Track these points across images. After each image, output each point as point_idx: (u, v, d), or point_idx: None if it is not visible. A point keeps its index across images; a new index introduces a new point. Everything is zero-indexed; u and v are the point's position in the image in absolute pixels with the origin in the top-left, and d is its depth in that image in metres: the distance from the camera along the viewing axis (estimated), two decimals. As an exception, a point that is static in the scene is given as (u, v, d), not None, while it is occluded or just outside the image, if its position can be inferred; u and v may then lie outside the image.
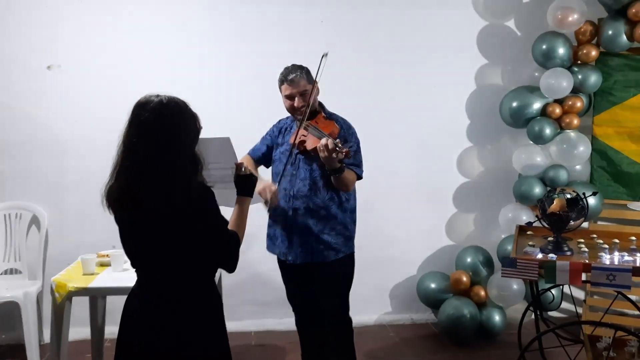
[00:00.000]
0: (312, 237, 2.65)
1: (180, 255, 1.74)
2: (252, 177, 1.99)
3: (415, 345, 3.81)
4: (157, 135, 1.68)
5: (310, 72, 2.68)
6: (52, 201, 3.72)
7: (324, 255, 2.66)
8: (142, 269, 1.83)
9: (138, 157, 1.68)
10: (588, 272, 2.40)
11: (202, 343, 1.78)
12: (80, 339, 3.55)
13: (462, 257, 4.02)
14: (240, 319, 3.93)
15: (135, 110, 1.72)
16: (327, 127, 2.57)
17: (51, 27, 3.62)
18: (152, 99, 1.72)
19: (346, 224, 2.71)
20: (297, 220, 2.66)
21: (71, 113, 3.68)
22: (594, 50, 3.79)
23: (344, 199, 2.70)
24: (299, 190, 2.65)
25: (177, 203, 1.67)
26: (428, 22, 4.00)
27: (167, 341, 1.75)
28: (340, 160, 2.41)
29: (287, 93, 2.64)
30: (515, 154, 3.93)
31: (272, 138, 2.84)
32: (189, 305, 1.77)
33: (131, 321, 1.82)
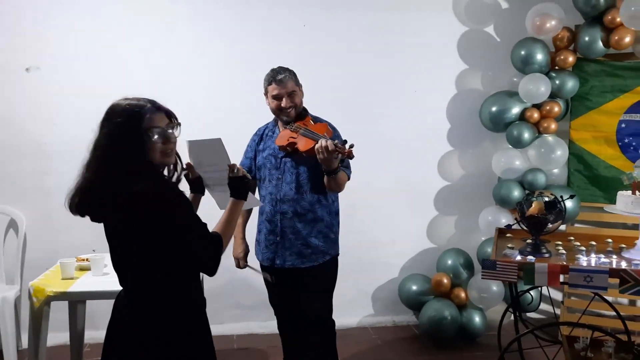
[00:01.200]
0: (300, 240, 2.66)
1: (146, 258, 1.72)
2: (245, 178, 1.93)
3: (396, 347, 3.83)
4: (99, 141, 1.69)
5: (297, 75, 2.70)
6: (31, 205, 3.67)
7: (312, 259, 2.67)
8: (117, 271, 1.82)
9: (90, 164, 1.70)
10: (566, 273, 2.44)
11: (182, 347, 1.76)
12: (59, 344, 3.51)
13: (443, 259, 4.06)
14: (222, 322, 3.91)
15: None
16: (320, 129, 2.56)
17: (30, 30, 3.58)
18: (113, 103, 1.74)
19: (332, 226, 2.74)
20: (284, 224, 2.66)
21: (49, 116, 3.64)
22: (571, 56, 3.86)
23: (330, 201, 2.72)
24: (285, 194, 2.65)
25: (127, 206, 1.65)
26: (409, 26, 4.04)
27: (145, 346, 1.73)
28: (342, 161, 2.45)
29: (274, 93, 2.64)
30: (495, 158, 3.98)
31: (253, 150, 2.83)
32: (167, 308, 1.75)
33: (112, 325, 1.82)
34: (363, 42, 3.98)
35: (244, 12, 3.83)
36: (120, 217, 1.70)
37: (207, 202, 2.10)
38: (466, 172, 4.25)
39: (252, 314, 3.95)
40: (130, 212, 1.65)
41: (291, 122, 2.65)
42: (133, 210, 1.65)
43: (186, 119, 1.84)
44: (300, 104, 2.69)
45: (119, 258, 1.80)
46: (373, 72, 4.03)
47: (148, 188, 1.66)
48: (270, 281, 2.80)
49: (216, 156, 1.93)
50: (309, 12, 3.91)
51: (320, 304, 2.74)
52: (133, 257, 1.74)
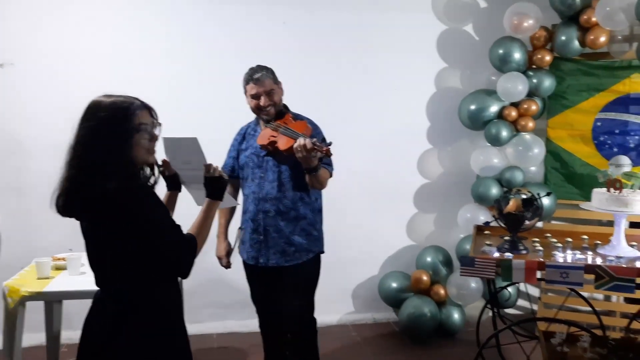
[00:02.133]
0: (283, 239, 2.66)
1: (114, 260, 1.70)
2: (222, 179, 1.91)
3: (376, 344, 3.85)
4: (80, 139, 1.66)
5: (275, 73, 2.69)
6: (4, 203, 3.59)
7: (296, 257, 2.67)
8: (93, 271, 1.80)
9: (70, 163, 1.67)
10: (542, 270, 2.47)
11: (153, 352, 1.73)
12: (35, 345, 3.45)
13: (422, 256, 4.09)
14: (201, 321, 3.89)
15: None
16: (300, 127, 2.56)
17: (3, 26, 3.51)
18: (92, 101, 1.70)
19: (315, 224, 2.74)
20: (267, 222, 2.66)
21: (24, 112, 3.57)
22: (548, 55, 3.91)
23: (313, 199, 2.72)
24: (267, 192, 2.64)
25: (104, 209, 1.63)
26: (389, 25, 4.05)
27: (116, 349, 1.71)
28: (320, 159, 2.44)
29: (252, 92, 2.63)
30: (473, 156, 4.02)
31: (235, 149, 2.82)
32: (138, 311, 1.72)
33: (87, 325, 1.80)
34: (343, 40, 3.98)
35: (223, 10, 3.80)
36: (94, 215, 1.67)
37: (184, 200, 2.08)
38: (445, 170, 4.29)
39: (231, 312, 3.93)
40: (104, 210, 1.63)
41: (271, 120, 2.64)
42: (107, 208, 1.63)
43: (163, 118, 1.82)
44: (279, 102, 2.68)
45: (95, 258, 1.77)
46: (352, 70, 4.04)
47: (122, 187, 1.63)
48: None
49: (192, 155, 1.92)
50: (289, 11, 3.90)
51: (302, 302, 2.74)
52: (107, 257, 1.72)
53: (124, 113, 1.67)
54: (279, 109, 2.68)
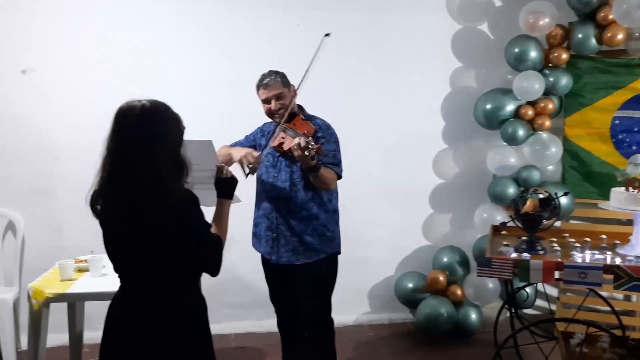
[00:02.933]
0: (295, 238, 2.69)
1: (163, 260, 1.74)
2: (234, 179, 2.01)
3: (393, 345, 3.85)
4: (138, 142, 1.68)
5: (286, 76, 2.74)
6: (28, 206, 3.66)
7: (307, 256, 2.70)
8: (125, 274, 1.82)
9: (120, 165, 1.68)
10: (560, 270, 2.46)
11: (184, 350, 1.77)
12: (58, 345, 3.51)
13: (438, 257, 4.08)
14: (219, 321, 3.90)
15: (117, 116, 1.72)
16: (303, 127, 2.62)
17: (25, 31, 3.58)
18: (135, 105, 1.72)
19: (328, 225, 2.75)
20: (279, 221, 2.70)
21: (46, 118, 3.63)
22: (564, 54, 3.88)
23: (326, 200, 2.73)
24: (279, 192, 2.68)
25: (160, 208, 1.67)
26: (403, 25, 4.05)
27: (148, 348, 1.75)
28: (313, 158, 2.43)
29: (263, 97, 2.70)
30: (490, 155, 4.00)
31: (255, 138, 2.88)
32: (171, 311, 1.77)
33: (113, 327, 1.82)
34: (357, 41, 3.99)
35: (237, 13, 3.83)
36: (155, 217, 1.69)
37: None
38: (461, 169, 4.27)
39: (249, 312, 3.96)
40: (173, 210, 1.68)
41: (284, 122, 2.68)
42: (177, 209, 1.69)
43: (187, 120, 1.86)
44: (290, 105, 2.70)
45: (132, 259, 1.78)
46: (367, 71, 4.05)
47: (180, 188, 1.72)
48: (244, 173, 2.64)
49: (203, 157, 2.00)
50: (303, 12, 3.91)
51: (316, 302, 2.76)
52: (150, 258, 1.74)
53: (177, 117, 1.77)
54: (292, 111, 2.71)
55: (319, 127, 2.71)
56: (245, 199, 2.61)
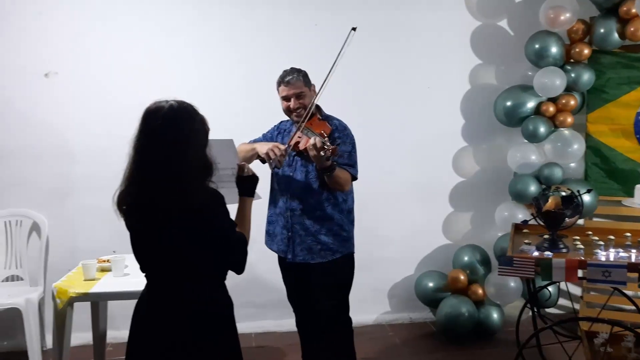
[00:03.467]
0: (309, 237, 2.69)
1: (192, 259, 1.76)
2: (254, 177, 2.03)
3: (414, 345, 3.83)
4: (168, 141, 1.68)
5: (308, 75, 2.73)
6: (52, 207, 3.73)
7: (321, 255, 2.70)
8: (153, 273, 1.83)
9: (150, 164, 1.69)
10: (584, 268, 2.43)
11: (213, 348, 1.79)
12: (82, 344, 3.58)
13: (459, 256, 4.05)
14: (239, 320, 3.85)
15: (145, 117, 1.72)
16: (319, 128, 2.61)
17: (47, 35, 3.64)
18: (162, 105, 1.73)
19: (343, 225, 2.74)
20: (294, 220, 2.70)
21: (68, 119, 3.70)
22: (586, 49, 3.83)
23: (341, 200, 2.72)
24: (295, 191, 2.69)
25: (188, 208, 1.68)
26: (421, 23, 4.04)
27: (177, 346, 1.76)
28: (328, 158, 2.42)
29: (283, 94, 2.69)
30: (510, 153, 3.96)
31: (272, 137, 2.88)
32: (200, 310, 1.78)
33: (141, 327, 1.83)
34: (375, 40, 3.98)
35: (255, 13, 3.85)
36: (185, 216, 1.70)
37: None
38: (481, 167, 4.24)
39: (269, 312, 3.98)
40: (202, 209, 1.70)
41: (303, 122, 2.67)
42: (205, 208, 1.71)
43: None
44: (309, 105, 2.68)
45: (157, 260, 1.80)
46: (385, 69, 4.04)
47: (207, 188, 1.74)
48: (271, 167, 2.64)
49: (224, 156, 2.01)
50: (320, 12, 3.92)
51: (334, 301, 2.76)
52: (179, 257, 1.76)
53: (202, 117, 1.80)
54: (311, 111, 2.69)
55: (335, 128, 2.70)
56: (265, 197, 2.63)
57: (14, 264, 3.68)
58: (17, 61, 3.63)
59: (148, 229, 1.76)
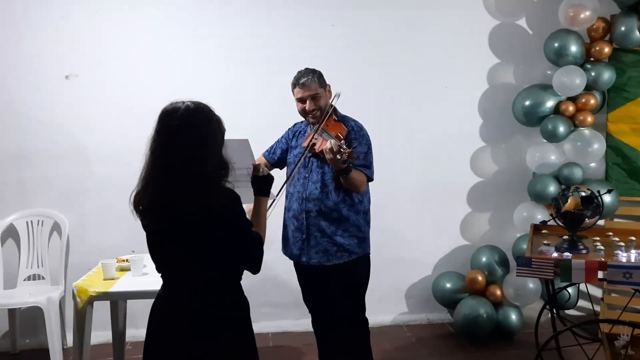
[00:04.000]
0: (325, 238, 2.67)
1: (208, 259, 1.76)
2: (270, 177, 2.04)
3: (431, 345, 3.82)
4: (185, 142, 1.69)
5: (323, 76, 2.72)
6: (72, 208, 3.79)
7: (337, 256, 2.68)
8: (169, 273, 1.84)
9: (167, 165, 1.69)
10: (604, 270, 2.39)
11: (229, 347, 1.80)
12: (102, 343, 3.63)
13: (477, 256, 4.03)
14: (256, 320, 3.89)
15: (162, 118, 1.73)
16: (335, 129, 2.60)
17: (69, 39, 3.70)
18: (179, 106, 1.73)
19: (359, 226, 2.72)
20: (310, 222, 2.69)
21: (89, 121, 3.75)
22: (606, 47, 3.77)
23: (357, 201, 2.71)
24: (311, 192, 2.68)
25: (206, 209, 1.69)
26: (439, 22, 4.02)
27: (193, 346, 1.77)
28: (345, 162, 2.42)
29: (298, 96, 2.68)
30: (529, 153, 3.92)
31: (287, 141, 2.89)
32: (216, 309, 1.79)
33: (158, 326, 1.84)
34: (392, 40, 3.98)
35: (272, 14, 3.87)
36: (201, 216, 1.71)
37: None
38: (499, 167, 4.21)
39: (286, 312, 3.99)
40: (218, 209, 1.71)
41: (317, 123, 2.67)
42: (222, 208, 1.71)
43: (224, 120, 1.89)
44: (325, 106, 2.68)
45: (173, 261, 1.81)
46: (403, 69, 4.02)
47: (221, 187, 1.74)
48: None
49: (240, 155, 2.02)
50: (337, 12, 3.92)
51: (350, 303, 2.75)
52: (195, 257, 1.76)
53: (218, 117, 1.80)
54: (326, 112, 2.68)
55: (351, 129, 2.69)
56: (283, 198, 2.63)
57: (36, 263, 3.74)
58: (39, 64, 3.69)
59: (165, 230, 1.77)
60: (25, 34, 3.67)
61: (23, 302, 3.50)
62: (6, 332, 3.76)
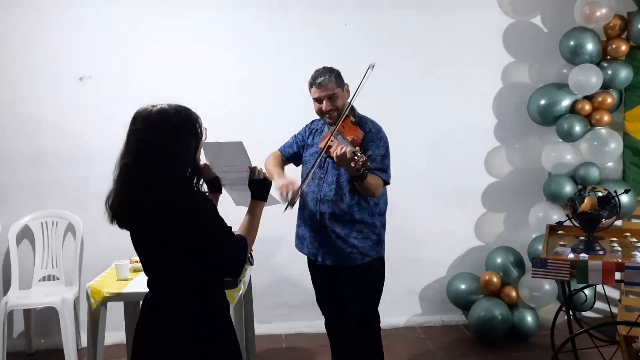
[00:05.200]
0: (339, 240, 2.65)
1: (176, 262, 1.75)
2: (266, 181, 1.99)
3: (446, 347, 3.78)
4: (147, 145, 1.68)
5: (340, 75, 2.67)
6: (86, 209, 3.81)
7: (351, 258, 2.65)
8: (148, 273, 1.87)
9: (130, 168, 1.69)
10: (621, 271, 2.36)
11: (197, 349, 1.77)
12: (116, 343, 3.64)
13: (492, 257, 3.98)
14: (270, 322, 3.97)
15: (131, 121, 1.75)
16: (351, 133, 2.54)
17: (82, 41, 3.73)
18: (147, 109, 1.73)
19: (374, 228, 2.69)
20: (324, 223, 2.66)
21: (103, 122, 3.76)
22: (623, 45, 3.72)
23: (372, 204, 2.67)
24: (325, 194, 2.65)
25: (167, 212, 1.67)
26: (453, 21, 3.99)
27: (166, 347, 1.78)
28: (359, 169, 2.35)
29: (315, 96, 2.64)
30: (545, 153, 3.88)
31: (303, 138, 2.85)
32: (184, 312, 1.78)
33: (139, 326, 1.88)
34: (406, 39, 3.95)
35: (285, 15, 3.86)
36: (157, 220, 1.70)
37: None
38: (514, 167, 4.16)
39: (299, 313, 3.98)
40: (170, 214, 1.68)
41: (332, 124, 2.64)
42: (174, 212, 1.68)
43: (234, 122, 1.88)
44: (342, 107, 2.64)
45: (151, 262, 1.84)
46: (416, 68, 4.00)
47: (187, 191, 1.71)
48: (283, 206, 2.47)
49: (235, 158, 2.00)
50: (350, 12, 3.91)
51: (362, 304, 2.72)
52: (165, 260, 1.77)
53: (193, 121, 1.75)
54: (345, 112, 2.62)
55: (369, 131, 2.63)
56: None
57: (50, 264, 3.77)
58: (53, 67, 3.72)
59: (135, 232, 1.80)
60: (38, 37, 3.70)
61: (38, 303, 3.54)
62: (22, 332, 3.80)
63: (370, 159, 2.44)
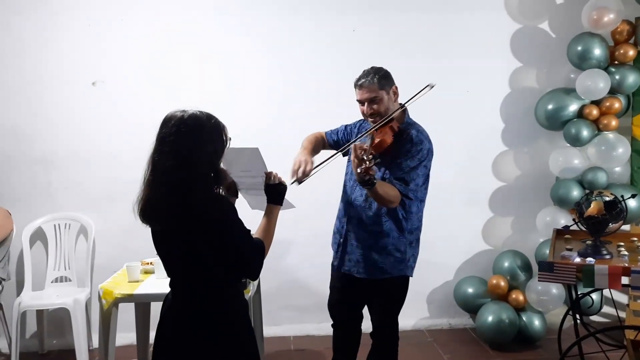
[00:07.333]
0: (359, 250, 2.55)
1: (198, 264, 1.81)
2: (281, 185, 2.05)
3: (453, 351, 3.79)
4: (175, 150, 1.74)
5: (386, 76, 2.56)
6: (99, 211, 3.87)
7: (369, 272, 2.54)
8: (170, 273, 1.93)
9: (158, 171, 1.76)
10: (628, 275, 2.37)
11: (219, 350, 1.84)
12: (127, 344, 3.69)
13: (499, 261, 4.00)
14: (279, 324, 4.00)
15: (160, 126, 1.81)
16: (381, 136, 2.42)
17: (96, 46, 3.79)
18: (176, 115, 1.80)
19: (398, 245, 2.52)
20: (349, 228, 2.59)
21: (115, 126, 3.83)
22: (631, 50, 3.72)
23: (401, 217, 2.50)
24: (355, 198, 2.56)
25: (192, 215, 1.74)
26: (461, 26, 4.01)
27: (189, 348, 1.83)
28: (363, 175, 2.18)
29: (357, 98, 2.54)
30: (552, 157, 3.89)
31: (351, 131, 2.76)
32: (207, 313, 1.84)
33: (161, 327, 1.94)
34: (414, 44, 3.97)
35: (294, 19, 3.89)
36: (184, 222, 1.77)
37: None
38: (522, 172, 4.17)
39: (308, 315, 4.00)
40: (206, 216, 1.75)
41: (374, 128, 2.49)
42: (209, 215, 1.75)
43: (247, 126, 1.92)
44: (386, 110, 2.49)
45: (174, 262, 1.89)
46: (425, 73, 3.97)
47: (212, 195, 1.78)
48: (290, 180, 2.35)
49: (251, 164, 2.06)
50: (359, 17, 3.94)
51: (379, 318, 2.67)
52: (188, 262, 1.83)
53: (220, 129, 1.83)
54: (393, 115, 2.49)
55: (406, 139, 2.48)
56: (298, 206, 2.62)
57: (63, 266, 3.82)
58: (67, 70, 3.78)
59: (160, 233, 1.86)
60: (52, 41, 3.76)
61: (50, 304, 3.59)
62: (34, 333, 3.86)
63: (397, 167, 2.38)
